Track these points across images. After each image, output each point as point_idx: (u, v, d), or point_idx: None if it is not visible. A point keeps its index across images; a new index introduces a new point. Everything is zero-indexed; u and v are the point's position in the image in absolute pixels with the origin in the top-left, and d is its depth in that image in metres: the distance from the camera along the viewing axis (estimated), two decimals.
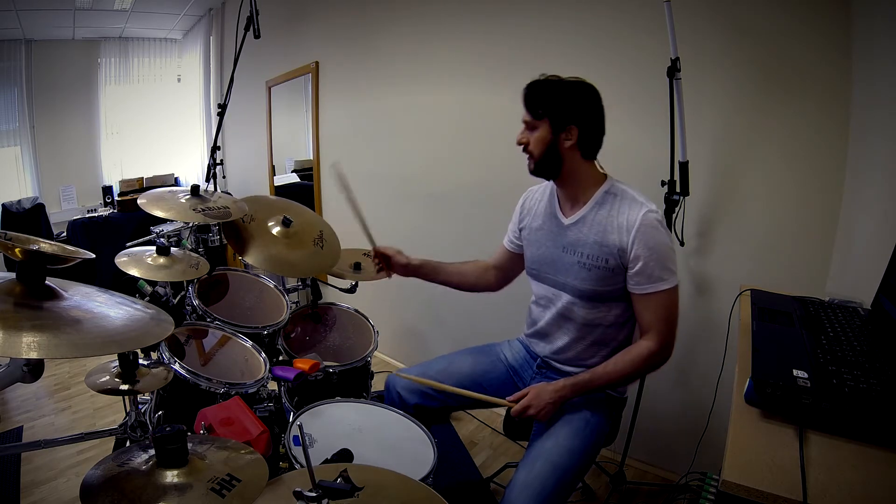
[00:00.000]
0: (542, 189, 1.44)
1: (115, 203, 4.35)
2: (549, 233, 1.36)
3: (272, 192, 3.84)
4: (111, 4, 3.80)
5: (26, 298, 0.79)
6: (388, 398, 1.52)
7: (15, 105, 4.08)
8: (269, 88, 3.68)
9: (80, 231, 3.88)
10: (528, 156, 1.29)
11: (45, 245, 0.89)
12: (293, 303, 1.90)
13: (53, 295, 0.82)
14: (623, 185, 1.29)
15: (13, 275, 0.82)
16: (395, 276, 1.62)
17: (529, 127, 1.27)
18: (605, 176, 1.31)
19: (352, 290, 2.01)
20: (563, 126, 1.23)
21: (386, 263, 1.57)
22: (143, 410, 1.33)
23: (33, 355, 0.69)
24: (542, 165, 1.27)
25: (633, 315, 1.29)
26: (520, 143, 1.29)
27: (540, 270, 1.38)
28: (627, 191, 1.27)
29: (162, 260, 1.57)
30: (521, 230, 1.47)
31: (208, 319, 1.63)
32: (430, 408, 1.46)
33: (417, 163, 2.69)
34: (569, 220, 1.31)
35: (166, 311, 0.95)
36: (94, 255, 0.95)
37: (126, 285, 1.55)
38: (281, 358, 1.70)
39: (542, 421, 1.27)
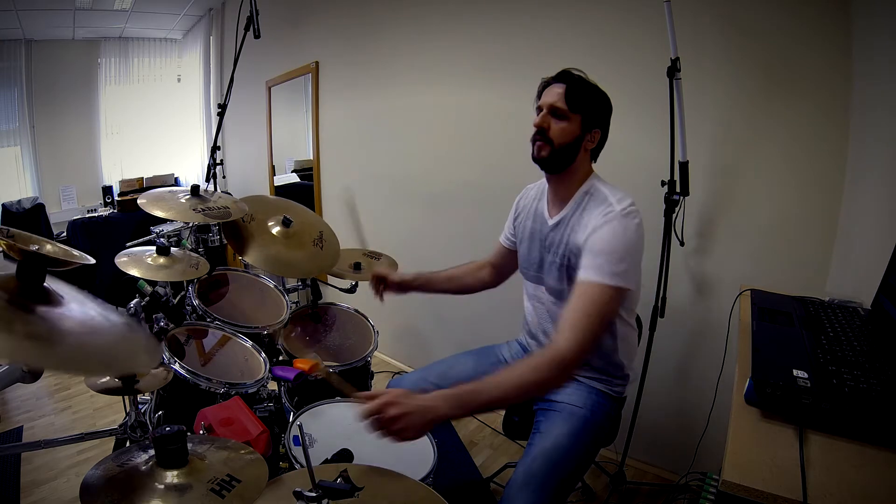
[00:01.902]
0: (537, 188, 1.44)
1: (115, 203, 4.35)
2: (536, 233, 1.37)
3: (272, 193, 3.84)
4: (111, 4, 3.80)
5: (21, 300, 0.79)
6: None
7: (15, 105, 4.07)
8: (269, 88, 3.68)
9: (80, 231, 3.87)
10: (539, 141, 1.23)
11: (48, 246, 0.89)
12: (293, 303, 1.90)
13: (49, 300, 0.82)
14: (602, 184, 1.26)
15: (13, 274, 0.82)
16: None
17: (557, 114, 1.22)
18: (588, 175, 1.28)
19: (352, 290, 2.01)
20: (591, 127, 1.24)
21: (384, 285, 1.57)
22: (143, 410, 1.33)
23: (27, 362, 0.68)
24: (558, 156, 1.23)
25: (615, 320, 1.28)
26: (539, 127, 1.23)
27: (528, 269, 1.40)
28: (603, 190, 1.23)
29: (162, 260, 1.58)
30: (515, 228, 1.47)
31: (208, 319, 1.63)
32: None
33: (417, 163, 2.69)
34: (552, 220, 1.31)
35: (166, 311, 0.94)
36: (94, 261, 0.95)
37: (126, 285, 1.55)
38: (281, 358, 1.70)
39: (402, 437, 0.94)
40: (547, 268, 1.32)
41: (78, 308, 0.81)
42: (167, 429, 0.79)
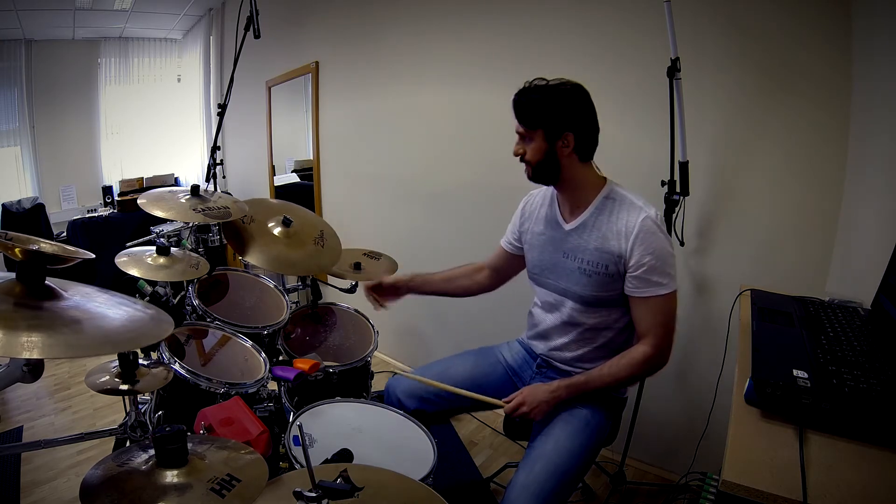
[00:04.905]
0: (543, 193, 1.43)
1: (115, 203, 4.35)
2: (550, 238, 1.36)
3: (272, 192, 3.84)
4: (111, 4, 3.80)
5: (26, 298, 0.79)
6: (387, 402, 1.52)
7: (15, 105, 4.07)
8: (269, 88, 3.68)
9: (80, 231, 3.87)
10: (525, 165, 1.29)
11: (45, 245, 0.89)
12: (293, 303, 1.90)
13: (53, 295, 0.82)
14: (622, 189, 1.29)
15: (13, 275, 0.82)
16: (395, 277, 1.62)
17: (524, 137, 1.26)
18: (604, 180, 1.30)
19: (352, 290, 2.01)
20: (559, 134, 1.22)
21: (378, 293, 1.59)
22: (143, 410, 1.33)
23: (29, 355, 0.68)
24: (540, 174, 1.28)
25: (623, 322, 1.30)
26: (516, 154, 1.29)
27: (541, 275, 1.39)
28: (627, 195, 1.26)
29: (162, 260, 1.57)
30: (521, 234, 1.47)
31: (208, 319, 1.63)
32: (428, 412, 1.46)
33: (417, 163, 2.69)
34: (569, 225, 1.31)
35: (166, 311, 0.94)
36: (93, 256, 0.95)
37: (126, 285, 1.54)
38: (281, 358, 1.70)
39: (536, 419, 1.27)
40: (566, 273, 1.31)
41: (83, 298, 0.81)
42: (167, 429, 0.79)
